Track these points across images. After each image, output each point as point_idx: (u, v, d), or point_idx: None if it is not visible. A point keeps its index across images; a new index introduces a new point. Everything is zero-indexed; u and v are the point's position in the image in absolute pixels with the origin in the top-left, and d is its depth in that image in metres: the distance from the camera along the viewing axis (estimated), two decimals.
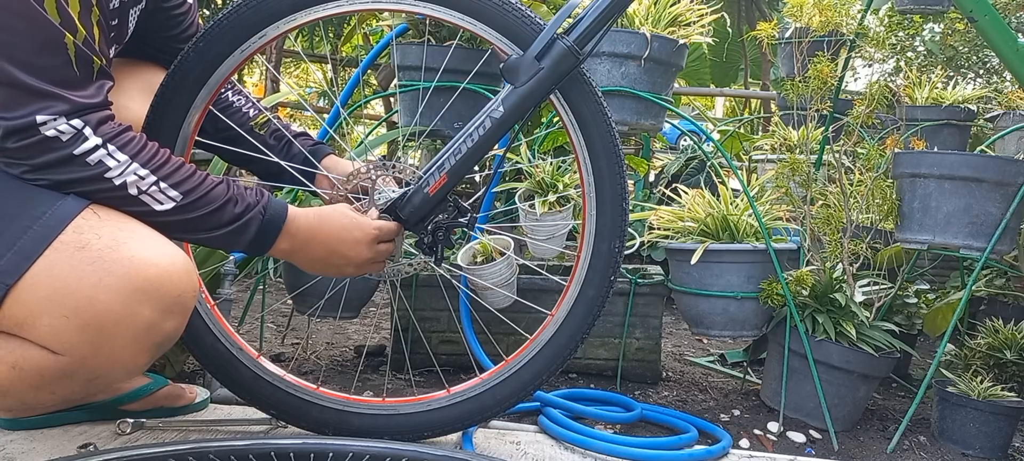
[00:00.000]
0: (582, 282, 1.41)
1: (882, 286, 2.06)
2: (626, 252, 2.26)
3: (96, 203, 1.07)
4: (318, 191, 1.44)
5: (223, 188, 1.16)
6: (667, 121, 2.30)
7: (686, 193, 2.16)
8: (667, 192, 2.50)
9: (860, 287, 2.02)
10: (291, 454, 1.18)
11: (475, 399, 1.43)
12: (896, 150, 1.97)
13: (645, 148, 4.63)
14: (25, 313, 1.00)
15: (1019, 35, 2.57)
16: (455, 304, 2.08)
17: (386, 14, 2.67)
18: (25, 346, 1.02)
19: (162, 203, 1.10)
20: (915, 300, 2.27)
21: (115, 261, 1.02)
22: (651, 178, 4.77)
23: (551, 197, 1.99)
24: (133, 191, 1.07)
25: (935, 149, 2.28)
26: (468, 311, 2.04)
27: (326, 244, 1.25)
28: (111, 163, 1.05)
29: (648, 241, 2.20)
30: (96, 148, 1.04)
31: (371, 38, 4.81)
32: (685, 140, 6.49)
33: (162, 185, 1.09)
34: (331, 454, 1.20)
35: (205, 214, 1.13)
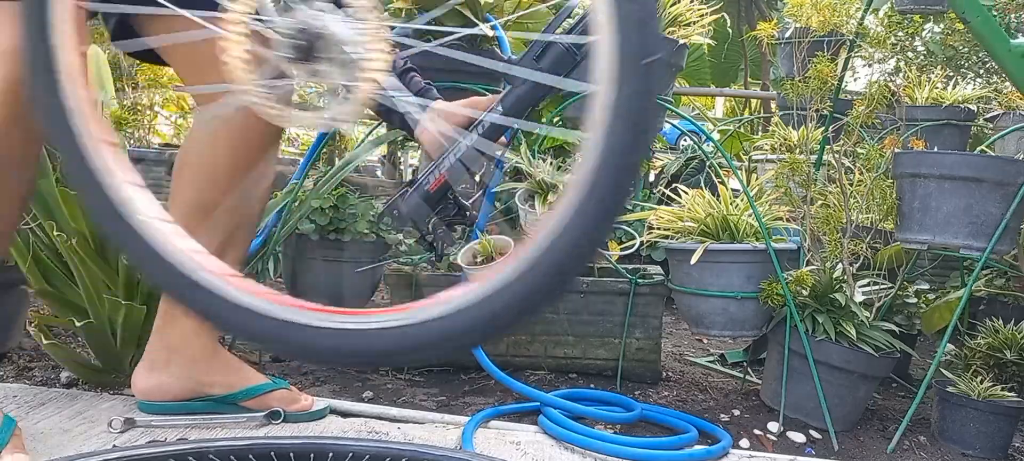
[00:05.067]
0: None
1: (882, 286, 2.06)
2: (628, 252, 2.27)
3: None
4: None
5: None
6: (667, 121, 2.30)
7: (686, 193, 2.16)
8: (667, 192, 2.50)
9: (860, 287, 2.02)
10: (291, 454, 1.18)
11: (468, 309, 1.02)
12: (896, 150, 1.97)
13: None
14: None
15: (1018, 35, 2.57)
16: None
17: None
18: None
19: None
20: (915, 300, 2.27)
21: None
22: (651, 178, 4.77)
23: (551, 197, 1.99)
24: None
25: (935, 149, 2.28)
26: None
27: None
28: None
29: (648, 241, 2.20)
30: None
31: None
32: (685, 140, 6.49)
33: None
34: (331, 454, 1.20)
35: None
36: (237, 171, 1.39)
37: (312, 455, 1.19)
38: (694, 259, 1.93)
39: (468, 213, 1.37)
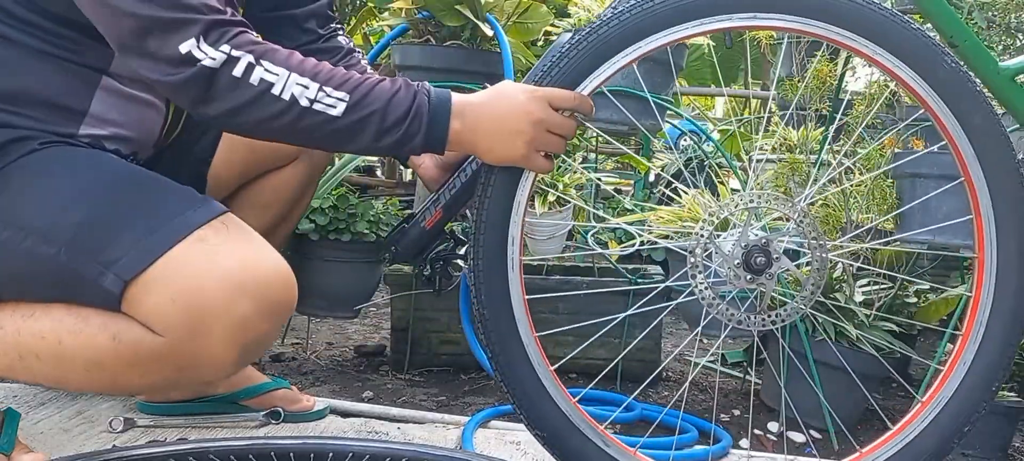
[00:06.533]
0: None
1: (882, 286, 2.06)
2: (627, 252, 2.27)
3: (269, 133, 1.09)
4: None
5: (384, 82, 1.10)
6: (667, 121, 2.30)
7: (686, 193, 2.15)
8: (667, 192, 2.50)
9: (860, 287, 2.02)
10: (291, 454, 1.18)
11: None
12: (896, 150, 1.97)
13: (645, 148, 4.63)
14: (137, 292, 1.04)
15: (1019, 36, 2.57)
16: (456, 304, 2.07)
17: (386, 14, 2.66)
18: (129, 322, 1.05)
19: (335, 107, 1.06)
20: (915, 300, 2.26)
21: (227, 255, 1.05)
22: (651, 178, 4.77)
23: (551, 197, 1.99)
24: (304, 102, 1.05)
25: (935, 149, 2.27)
26: (468, 311, 2.04)
27: (492, 111, 1.14)
28: (272, 78, 1.05)
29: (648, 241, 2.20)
30: (251, 66, 1.04)
31: (371, 38, 4.81)
32: (685, 140, 6.50)
33: (327, 89, 1.06)
34: (331, 454, 1.20)
35: (379, 110, 1.08)
36: (300, 204, 1.59)
37: (312, 455, 1.19)
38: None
39: (466, 247, 1.37)
